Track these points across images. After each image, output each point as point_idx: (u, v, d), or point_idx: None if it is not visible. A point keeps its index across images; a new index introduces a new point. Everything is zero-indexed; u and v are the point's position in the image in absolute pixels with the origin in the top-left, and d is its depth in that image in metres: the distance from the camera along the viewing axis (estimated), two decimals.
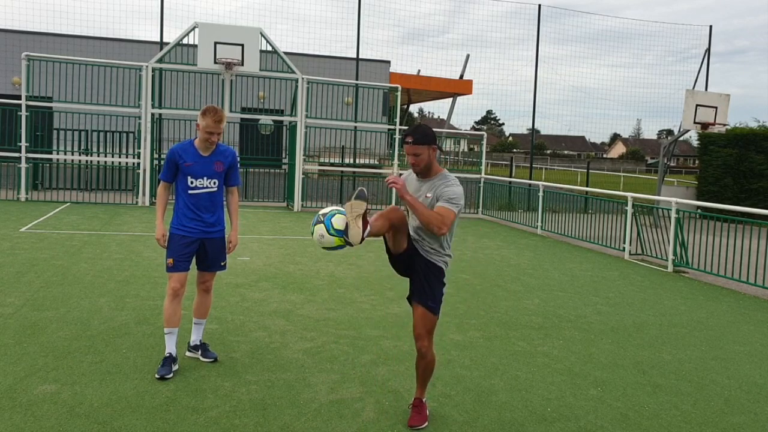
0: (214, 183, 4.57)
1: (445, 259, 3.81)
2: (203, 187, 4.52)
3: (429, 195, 3.70)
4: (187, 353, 4.84)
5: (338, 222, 3.55)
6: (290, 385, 4.35)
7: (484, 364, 4.98)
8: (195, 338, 4.82)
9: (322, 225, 3.57)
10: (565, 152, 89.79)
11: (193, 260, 4.66)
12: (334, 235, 3.55)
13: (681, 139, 21.70)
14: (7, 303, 6.00)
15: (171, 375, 4.36)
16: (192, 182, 4.50)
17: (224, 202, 4.72)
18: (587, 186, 22.10)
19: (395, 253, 3.80)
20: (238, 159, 4.74)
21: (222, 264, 4.75)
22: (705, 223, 10.30)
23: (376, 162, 20.46)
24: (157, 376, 4.30)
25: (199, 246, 4.57)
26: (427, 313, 3.77)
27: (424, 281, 3.76)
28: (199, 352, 4.79)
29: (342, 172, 18.60)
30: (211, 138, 4.46)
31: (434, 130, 4.14)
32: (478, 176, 17.51)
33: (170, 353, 4.47)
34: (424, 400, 3.93)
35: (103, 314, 5.80)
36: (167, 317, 4.47)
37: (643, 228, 11.26)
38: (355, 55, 19.64)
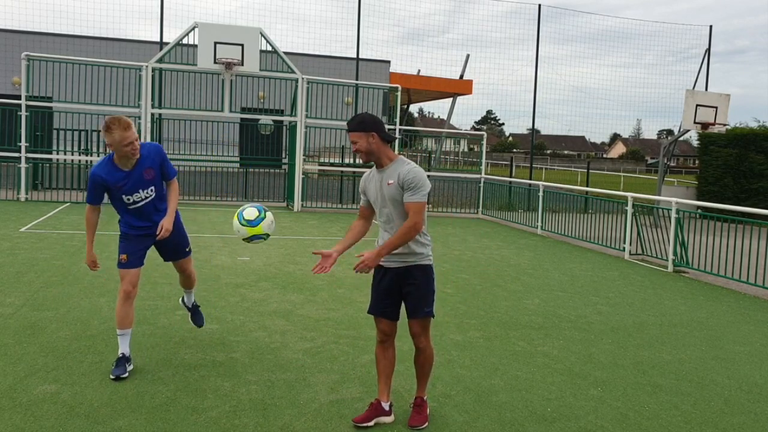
0: (152, 190, 4.40)
1: (428, 252, 3.75)
2: (141, 200, 4.39)
3: (391, 182, 3.63)
4: (180, 302, 5.28)
5: (249, 213, 4.08)
6: (290, 385, 4.35)
7: (484, 364, 4.98)
8: (188, 301, 5.16)
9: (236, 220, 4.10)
10: (565, 152, 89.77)
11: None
12: (245, 225, 4.07)
13: (681, 139, 21.70)
14: (7, 303, 6.01)
15: (126, 375, 4.31)
16: (128, 199, 4.36)
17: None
18: (587, 186, 22.10)
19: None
20: (165, 151, 4.50)
21: (187, 250, 4.77)
22: (705, 223, 10.29)
23: None
24: (111, 377, 4.27)
25: (154, 241, 4.55)
26: (423, 319, 3.78)
27: (415, 292, 3.72)
28: (190, 314, 5.21)
29: (342, 172, 18.59)
30: (127, 149, 4.15)
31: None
32: (478, 176, 17.51)
33: (123, 353, 4.42)
34: (425, 398, 3.93)
35: (103, 314, 5.80)
36: (120, 319, 4.41)
37: (643, 228, 11.26)
38: (355, 55, 19.64)
